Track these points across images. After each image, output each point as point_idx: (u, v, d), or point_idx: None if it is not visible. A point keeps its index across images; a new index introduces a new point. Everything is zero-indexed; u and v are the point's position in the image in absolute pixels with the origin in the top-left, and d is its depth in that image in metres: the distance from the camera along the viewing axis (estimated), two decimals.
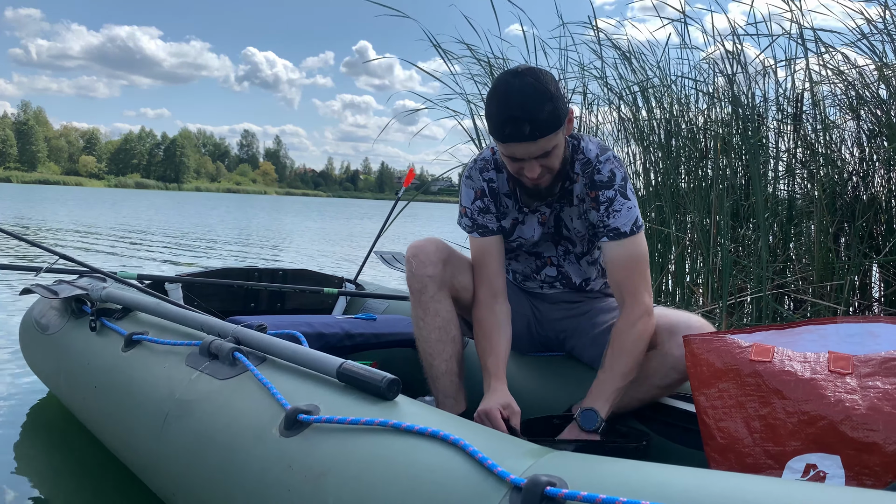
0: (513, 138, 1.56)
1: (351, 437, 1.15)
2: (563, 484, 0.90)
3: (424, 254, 1.79)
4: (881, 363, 1.32)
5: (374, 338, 2.25)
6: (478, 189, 1.82)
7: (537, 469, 0.96)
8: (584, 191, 1.76)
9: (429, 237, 1.84)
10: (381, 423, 1.14)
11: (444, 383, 1.79)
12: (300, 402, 1.27)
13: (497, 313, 1.80)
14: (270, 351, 1.48)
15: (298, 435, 1.20)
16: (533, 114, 1.54)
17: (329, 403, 1.25)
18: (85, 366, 1.89)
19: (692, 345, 1.54)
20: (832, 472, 1.28)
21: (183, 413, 1.46)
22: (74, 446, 2.12)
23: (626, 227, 1.71)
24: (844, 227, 2.90)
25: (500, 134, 1.58)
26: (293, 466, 1.16)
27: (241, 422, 1.32)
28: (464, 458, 1.02)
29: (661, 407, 1.77)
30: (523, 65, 1.64)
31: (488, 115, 1.61)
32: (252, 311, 2.74)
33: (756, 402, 1.41)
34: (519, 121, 1.54)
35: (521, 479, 0.93)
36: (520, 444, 1.09)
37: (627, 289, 1.69)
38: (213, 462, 1.31)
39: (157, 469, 1.50)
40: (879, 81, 2.87)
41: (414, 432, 1.10)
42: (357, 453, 1.12)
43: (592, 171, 1.73)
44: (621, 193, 1.72)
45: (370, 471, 1.08)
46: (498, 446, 1.06)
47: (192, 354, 1.60)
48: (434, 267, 1.77)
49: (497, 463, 0.98)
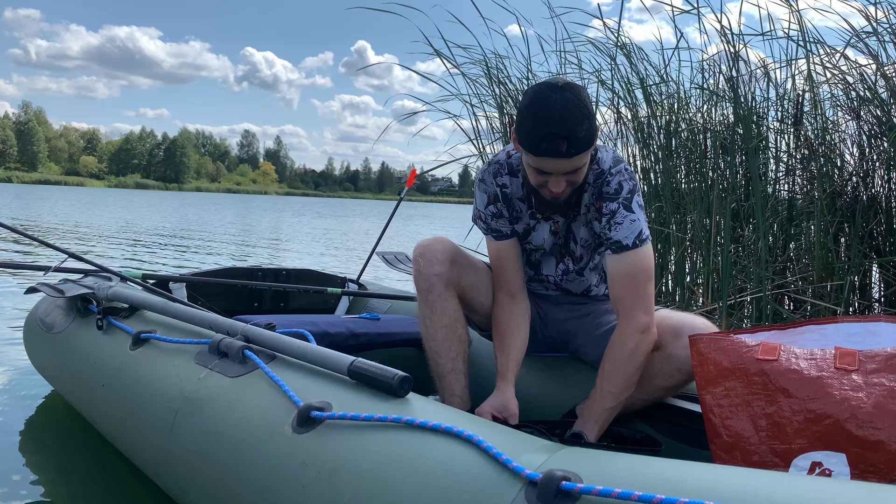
0: (548, 153, 1.54)
1: (364, 434, 1.16)
2: (577, 479, 0.91)
3: (431, 252, 1.80)
4: (887, 359, 1.34)
5: (379, 337, 2.26)
6: (491, 194, 1.82)
7: (552, 464, 0.97)
8: (591, 200, 1.75)
9: (436, 236, 1.85)
10: (394, 420, 1.15)
11: (450, 381, 1.81)
12: (312, 399, 1.28)
13: (514, 313, 1.83)
14: (280, 349, 1.49)
15: (312, 431, 1.21)
16: (572, 131, 1.52)
17: (341, 400, 1.26)
18: (92, 364, 1.90)
19: (699, 344, 1.56)
20: (837, 469, 1.29)
21: (193, 411, 1.47)
22: (81, 445, 2.12)
23: (629, 241, 1.68)
24: (844, 228, 2.92)
25: (536, 148, 1.55)
26: (307, 462, 1.17)
27: (252, 419, 1.33)
28: (478, 453, 1.03)
29: (665, 407, 1.79)
30: (560, 78, 1.64)
31: (523, 127, 1.57)
32: (256, 311, 2.75)
33: (762, 400, 1.43)
34: (557, 137, 1.52)
35: (537, 473, 0.94)
36: (532, 440, 1.10)
37: (622, 305, 1.68)
38: (225, 459, 1.32)
39: (167, 467, 1.51)
40: (879, 81, 2.88)
41: (427, 428, 1.11)
42: (371, 449, 1.13)
43: (602, 182, 1.71)
44: (625, 206, 1.69)
45: (384, 467, 1.09)
46: (511, 442, 1.06)
47: (201, 353, 1.60)
48: (441, 266, 1.78)
49: (512, 458, 0.99)
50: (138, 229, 13.41)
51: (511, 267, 1.84)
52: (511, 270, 1.84)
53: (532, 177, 1.65)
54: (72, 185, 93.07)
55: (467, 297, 1.86)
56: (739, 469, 0.90)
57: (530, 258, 1.94)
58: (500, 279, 1.85)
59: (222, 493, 1.31)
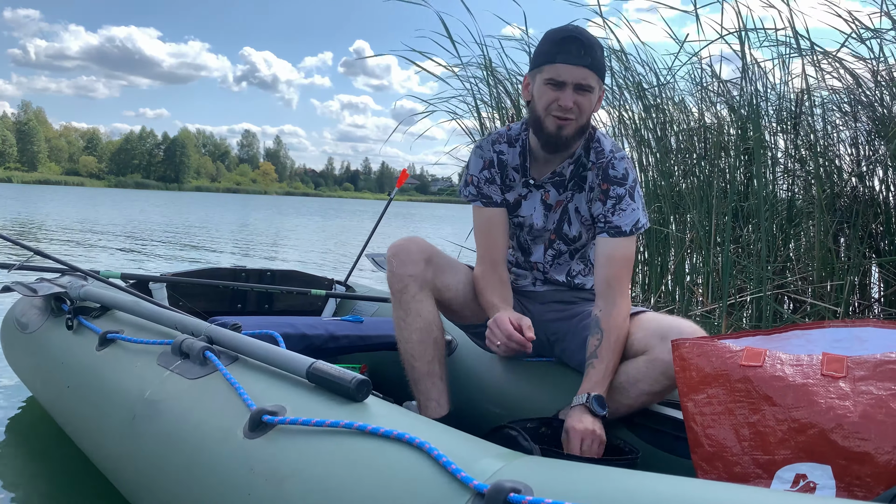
0: (564, 56, 1.64)
1: (315, 440, 1.11)
2: (528, 490, 0.86)
3: (406, 252, 1.75)
4: (875, 366, 1.27)
5: (360, 340, 2.20)
6: (487, 159, 1.84)
7: (504, 474, 0.92)
8: (597, 181, 1.78)
9: (411, 236, 1.81)
10: (346, 426, 1.09)
11: (426, 386, 1.75)
12: (268, 402, 1.23)
13: (500, 273, 1.83)
14: (242, 350, 1.44)
15: (262, 437, 1.16)
16: (588, 39, 1.66)
17: (297, 405, 1.21)
18: (59, 365, 1.85)
19: (681, 349, 1.49)
20: (822, 482, 1.22)
21: (151, 413, 1.41)
22: (51, 449, 2.07)
23: (627, 228, 1.74)
24: (844, 228, 2.86)
25: (553, 52, 1.66)
26: (255, 469, 1.12)
27: (206, 423, 1.28)
28: (428, 462, 0.98)
29: (650, 414, 1.72)
30: None
31: (540, 48, 1.70)
32: (239, 313, 2.69)
33: (745, 408, 1.36)
34: (576, 41, 1.65)
35: (485, 485, 0.88)
36: (492, 448, 1.04)
37: (618, 285, 1.71)
38: (178, 463, 1.27)
39: (125, 471, 1.46)
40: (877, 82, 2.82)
41: (379, 435, 1.06)
42: (321, 456, 1.08)
43: (607, 164, 1.77)
44: (630, 194, 1.75)
45: (333, 474, 1.04)
46: (467, 450, 1.01)
47: (164, 353, 1.56)
48: (415, 266, 1.73)
49: (462, 467, 0.93)
50: (134, 228, 13.43)
51: (497, 234, 1.84)
52: (496, 237, 1.84)
53: (544, 96, 1.69)
54: (72, 184, 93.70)
55: (445, 299, 1.81)
56: (697, 481, 0.84)
57: (519, 240, 1.91)
58: (484, 246, 1.84)
59: (173, 499, 1.25)
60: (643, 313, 1.78)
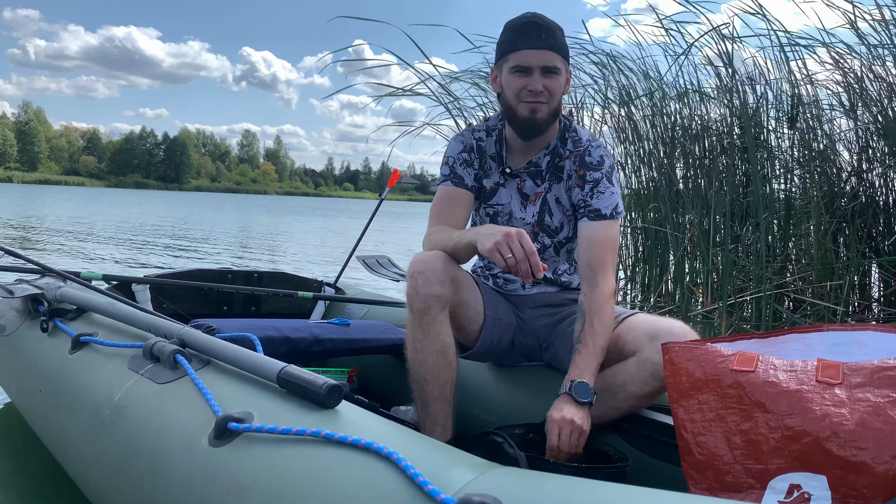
0: (526, 42, 1.69)
1: (281, 448, 1.05)
2: None
3: (432, 271, 1.63)
4: (873, 373, 1.21)
5: (346, 343, 2.14)
6: (467, 144, 1.87)
7: (475, 487, 0.86)
8: (573, 168, 1.81)
9: (435, 252, 1.68)
10: (313, 434, 1.03)
11: (435, 410, 1.68)
12: (236, 409, 1.17)
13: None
14: (213, 354, 1.38)
15: (227, 445, 1.10)
16: (549, 26, 1.71)
17: (265, 411, 1.15)
18: (33, 368, 1.80)
19: (671, 352, 1.44)
20: (817, 493, 1.16)
21: (118, 419, 1.36)
22: (26, 455, 2.02)
23: (607, 210, 1.77)
24: (843, 228, 2.82)
25: (514, 40, 1.71)
26: (217, 479, 1.06)
27: (172, 429, 1.22)
28: (395, 473, 0.92)
29: (640, 420, 1.67)
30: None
31: (503, 33, 1.75)
32: (225, 315, 2.63)
33: (737, 415, 1.30)
34: (536, 26, 1.70)
35: (452, 499, 0.83)
36: (465, 457, 0.99)
37: (600, 267, 1.72)
38: (141, 471, 1.21)
39: (91, 477, 1.41)
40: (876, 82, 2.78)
41: (347, 444, 1.00)
42: (286, 466, 1.02)
43: (584, 152, 1.81)
44: (608, 178, 1.78)
45: (297, 485, 0.98)
46: (439, 460, 0.96)
47: (135, 357, 1.50)
48: (441, 286, 1.63)
49: (430, 479, 0.88)
50: (137, 229, 13.39)
51: (456, 209, 1.82)
52: (456, 216, 1.81)
53: (513, 84, 1.72)
54: (72, 184, 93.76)
55: (456, 314, 1.73)
56: (676, 494, 0.78)
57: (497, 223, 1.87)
58: (438, 217, 1.81)
59: None
60: (634, 315, 1.73)
